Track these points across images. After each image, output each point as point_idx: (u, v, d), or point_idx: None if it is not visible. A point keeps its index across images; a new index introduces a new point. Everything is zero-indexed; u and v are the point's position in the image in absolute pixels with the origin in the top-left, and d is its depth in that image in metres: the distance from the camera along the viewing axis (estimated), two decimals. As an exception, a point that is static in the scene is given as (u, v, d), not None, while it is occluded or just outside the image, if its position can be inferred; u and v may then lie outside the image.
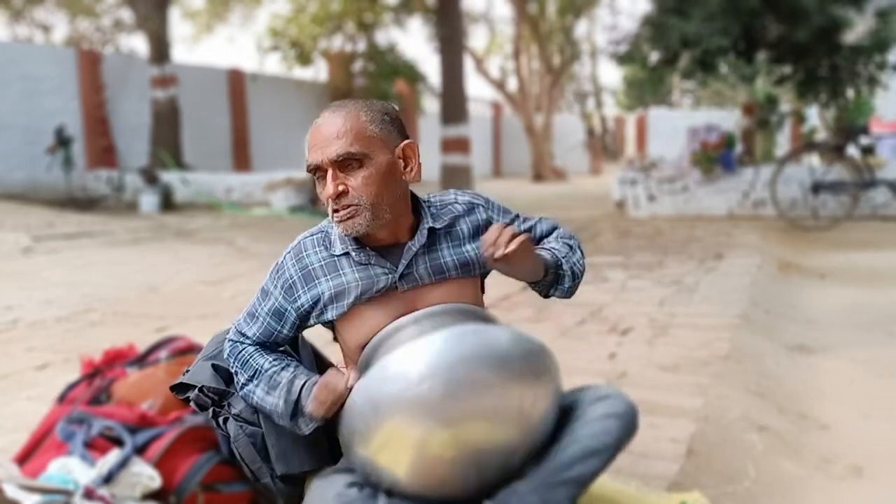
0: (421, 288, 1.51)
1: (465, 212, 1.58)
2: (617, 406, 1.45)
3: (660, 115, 25.40)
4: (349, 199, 1.42)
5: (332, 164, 1.41)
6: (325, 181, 1.42)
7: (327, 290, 1.50)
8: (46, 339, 3.60)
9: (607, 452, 1.41)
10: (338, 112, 1.43)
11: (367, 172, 1.41)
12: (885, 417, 2.59)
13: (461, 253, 1.54)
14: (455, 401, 1.30)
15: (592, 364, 2.93)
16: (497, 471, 1.40)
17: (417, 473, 1.36)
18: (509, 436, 1.37)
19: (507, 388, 1.34)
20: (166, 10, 13.20)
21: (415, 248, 1.50)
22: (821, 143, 10.09)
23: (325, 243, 1.53)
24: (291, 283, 1.52)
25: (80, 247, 6.92)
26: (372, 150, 1.42)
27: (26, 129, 11.68)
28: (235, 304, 4.39)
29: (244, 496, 1.67)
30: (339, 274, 1.50)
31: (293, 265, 1.53)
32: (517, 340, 1.38)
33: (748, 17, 8.77)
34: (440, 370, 1.30)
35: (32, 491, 1.50)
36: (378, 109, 1.46)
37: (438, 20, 14.62)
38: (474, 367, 1.32)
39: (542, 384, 1.40)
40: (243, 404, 1.62)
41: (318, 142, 1.42)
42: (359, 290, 1.48)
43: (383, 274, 1.49)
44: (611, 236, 7.41)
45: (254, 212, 10.30)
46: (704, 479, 2.01)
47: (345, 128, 1.41)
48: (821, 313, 4.13)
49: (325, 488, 1.41)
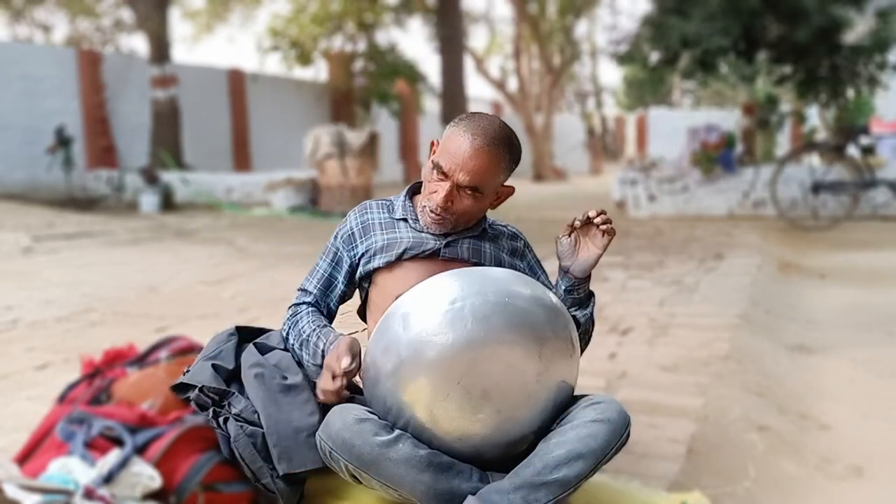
0: (459, 262, 1.65)
1: (510, 235, 1.77)
2: (607, 412, 1.46)
3: (660, 115, 25.40)
4: (449, 213, 1.62)
5: (455, 185, 1.59)
6: (438, 182, 1.60)
7: (381, 240, 1.68)
8: (46, 339, 3.59)
9: (593, 457, 1.42)
10: (493, 149, 1.57)
11: (473, 203, 1.62)
12: (885, 417, 2.59)
13: (499, 256, 1.71)
14: (484, 325, 1.39)
15: (592, 364, 2.92)
16: (497, 432, 1.44)
17: (432, 405, 1.42)
18: (522, 383, 1.43)
19: (533, 329, 1.43)
20: (166, 10, 13.20)
21: (464, 231, 1.67)
22: (821, 143, 10.10)
23: (387, 208, 1.74)
24: (351, 233, 1.71)
25: (80, 247, 6.91)
26: (489, 190, 1.62)
27: (26, 129, 11.67)
28: (235, 304, 4.39)
29: (244, 496, 1.67)
30: (395, 231, 1.69)
31: (355, 218, 1.73)
32: (548, 294, 1.50)
33: (748, 17, 8.78)
34: (476, 296, 1.41)
35: (32, 491, 1.49)
36: (516, 154, 1.63)
37: (438, 20, 14.66)
38: (504, 298, 1.42)
39: (562, 343, 1.48)
40: (243, 404, 1.62)
41: (460, 160, 1.57)
42: (409, 245, 1.65)
43: (432, 239, 1.66)
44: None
45: (254, 212, 10.30)
46: (704, 479, 2.01)
47: (488, 168, 1.58)
48: (821, 313, 4.14)
49: (346, 409, 1.48)
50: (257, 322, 3.32)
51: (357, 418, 1.44)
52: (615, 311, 3.96)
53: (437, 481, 1.40)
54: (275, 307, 4.26)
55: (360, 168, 10.21)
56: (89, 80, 12.71)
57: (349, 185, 10.16)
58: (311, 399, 1.63)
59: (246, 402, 1.65)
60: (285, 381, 1.65)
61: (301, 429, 1.57)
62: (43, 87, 12.07)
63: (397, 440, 1.41)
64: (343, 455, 1.43)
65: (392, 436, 1.41)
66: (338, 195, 10.13)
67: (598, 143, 25.53)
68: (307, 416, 1.60)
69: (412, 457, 1.40)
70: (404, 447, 1.40)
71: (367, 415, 1.45)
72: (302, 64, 16.20)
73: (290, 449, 1.56)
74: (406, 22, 17.49)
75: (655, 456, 2.12)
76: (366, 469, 1.42)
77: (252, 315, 3.99)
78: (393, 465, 1.40)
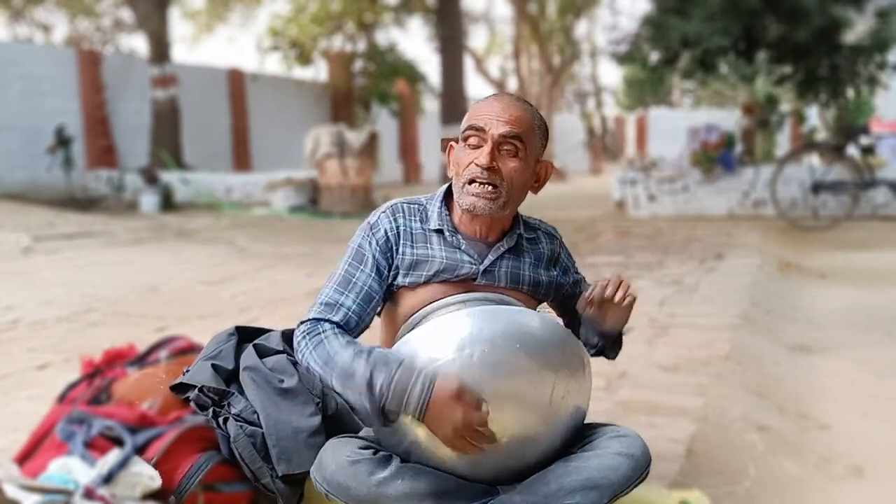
0: (495, 289, 1.54)
1: (548, 236, 1.65)
2: (632, 447, 1.43)
3: (660, 115, 25.40)
4: (495, 178, 1.46)
5: (497, 138, 1.45)
6: (473, 149, 1.47)
7: (411, 255, 1.52)
8: (46, 339, 3.59)
9: (609, 490, 1.37)
10: (519, 102, 1.50)
11: (518, 164, 1.47)
12: (885, 417, 2.59)
13: (538, 273, 1.59)
14: (490, 372, 1.35)
15: (592, 364, 2.92)
16: (511, 460, 1.41)
17: (435, 442, 1.38)
18: (532, 424, 1.40)
19: (542, 374, 1.39)
20: (166, 10, 13.20)
21: (503, 249, 1.55)
22: (821, 143, 10.11)
23: (420, 214, 1.57)
24: (386, 238, 1.53)
25: (81, 247, 6.91)
26: (531, 148, 1.49)
27: (26, 129, 11.67)
28: (235, 304, 4.39)
29: (244, 496, 1.67)
30: (427, 245, 1.53)
31: (390, 222, 1.54)
32: (559, 332, 1.45)
33: (748, 17, 8.78)
34: (481, 341, 1.36)
35: (32, 491, 1.49)
36: (542, 120, 1.53)
37: (438, 20, 14.64)
38: (514, 344, 1.37)
39: (576, 381, 1.45)
40: (243, 404, 1.62)
41: (493, 112, 1.46)
42: (441, 267, 1.51)
43: (469, 263, 1.53)
44: (611, 236, 7.41)
45: (254, 212, 10.30)
46: (704, 478, 2.01)
47: (523, 117, 1.47)
48: (821, 313, 4.13)
49: (339, 447, 1.43)
50: (257, 322, 3.32)
51: (350, 460, 1.38)
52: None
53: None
54: (275, 307, 4.26)
55: (359, 168, 10.21)
56: (89, 80, 12.70)
57: (349, 185, 10.15)
58: (309, 401, 1.63)
59: (246, 403, 1.65)
60: (282, 385, 1.65)
61: (301, 429, 1.57)
62: (43, 87, 12.07)
63: (395, 476, 1.36)
64: (340, 497, 1.39)
65: (389, 472, 1.37)
66: (338, 195, 10.13)
67: (598, 143, 25.52)
68: (307, 417, 1.59)
69: (412, 491, 1.36)
70: (403, 483, 1.36)
71: (361, 454, 1.39)
72: (302, 64, 16.19)
73: (290, 450, 1.56)
74: (406, 22, 17.50)
75: (655, 456, 2.10)
76: None
77: (252, 315, 3.99)
78: (392, 502, 1.36)
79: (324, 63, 16.73)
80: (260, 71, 16.58)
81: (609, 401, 2.57)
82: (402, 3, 16.74)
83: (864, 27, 9.19)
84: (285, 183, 10.54)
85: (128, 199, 11.21)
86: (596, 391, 2.62)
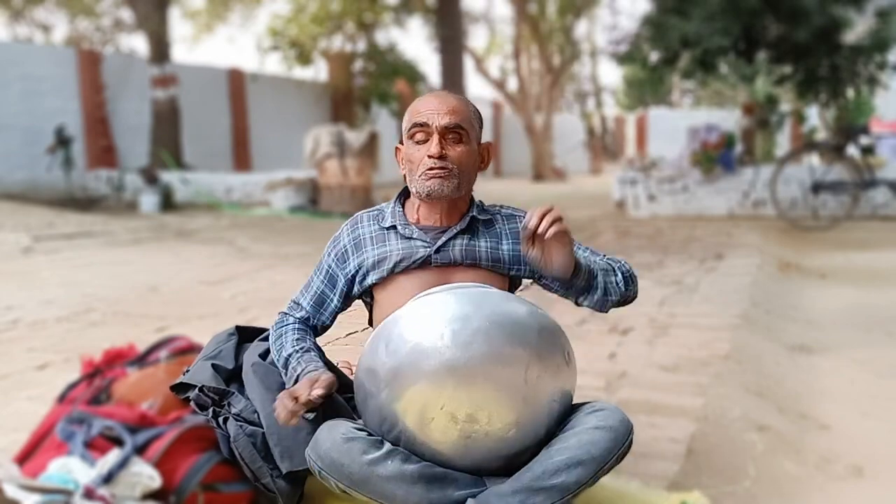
0: (453, 267, 1.63)
1: (506, 217, 1.71)
2: (609, 419, 1.46)
3: (660, 115, 25.36)
4: (447, 163, 1.58)
5: (441, 130, 1.58)
6: (422, 144, 1.60)
7: (372, 256, 1.65)
8: (46, 339, 3.59)
9: (593, 463, 1.41)
10: (451, 95, 1.64)
11: (465, 148, 1.60)
12: (885, 417, 2.59)
13: (496, 250, 1.66)
14: (462, 351, 1.39)
15: (592, 364, 2.93)
16: (498, 443, 1.43)
17: (420, 425, 1.42)
18: (510, 404, 1.42)
19: (516, 354, 1.42)
20: (166, 10, 13.19)
21: (456, 230, 1.64)
22: (821, 143, 10.10)
23: (378, 218, 1.70)
24: (344, 250, 1.68)
25: (81, 247, 6.91)
26: (472, 133, 1.63)
27: (26, 129, 11.66)
28: (235, 304, 4.39)
29: (244, 496, 1.67)
30: (385, 244, 1.65)
31: (348, 234, 1.70)
32: (535, 314, 1.48)
33: (748, 17, 8.77)
34: (452, 320, 1.42)
35: (32, 491, 1.50)
36: (476, 108, 1.67)
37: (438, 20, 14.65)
38: (485, 323, 1.42)
39: (552, 362, 1.46)
40: (243, 404, 1.62)
41: (432, 108, 1.60)
42: (399, 258, 1.62)
43: (422, 247, 1.62)
44: (611, 236, 7.41)
45: (254, 212, 10.30)
46: (704, 479, 2.01)
47: (459, 107, 1.61)
48: (821, 313, 4.13)
49: (334, 426, 1.48)
50: (257, 322, 3.32)
51: (345, 437, 1.44)
52: (615, 311, 3.95)
53: (430, 491, 1.40)
54: (275, 307, 4.23)
55: (359, 168, 10.21)
56: (89, 80, 12.70)
57: (349, 185, 10.15)
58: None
59: (246, 402, 1.66)
60: (283, 383, 1.65)
61: (302, 427, 1.57)
62: (43, 87, 12.06)
63: (387, 457, 1.41)
64: (332, 474, 1.43)
65: (381, 452, 1.41)
66: (338, 195, 10.13)
67: (597, 142, 25.50)
68: (307, 414, 1.60)
69: (402, 472, 1.40)
70: (393, 463, 1.40)
71: (356, 433, 1.45)
72: (302, 64, 16.18)
73: (292, 448, 1.56)
74: (406, 22, 17.50)
75: (655, 456, 2.12)
76: (356, 487, 1.42)
77: (252, 315, 3.99)
78: (383, 482, 1.40)
79: (324, 63, 16.72)
80: (260, 71, 16.57)
81: (609, 401, 2.57)
82: (402, 3, 16.75)
83: (864, 27, 9.19)
84: (285, 183, 10.53)
85: (128, 199, 11.21)
86: (596, 391, 2.63)
